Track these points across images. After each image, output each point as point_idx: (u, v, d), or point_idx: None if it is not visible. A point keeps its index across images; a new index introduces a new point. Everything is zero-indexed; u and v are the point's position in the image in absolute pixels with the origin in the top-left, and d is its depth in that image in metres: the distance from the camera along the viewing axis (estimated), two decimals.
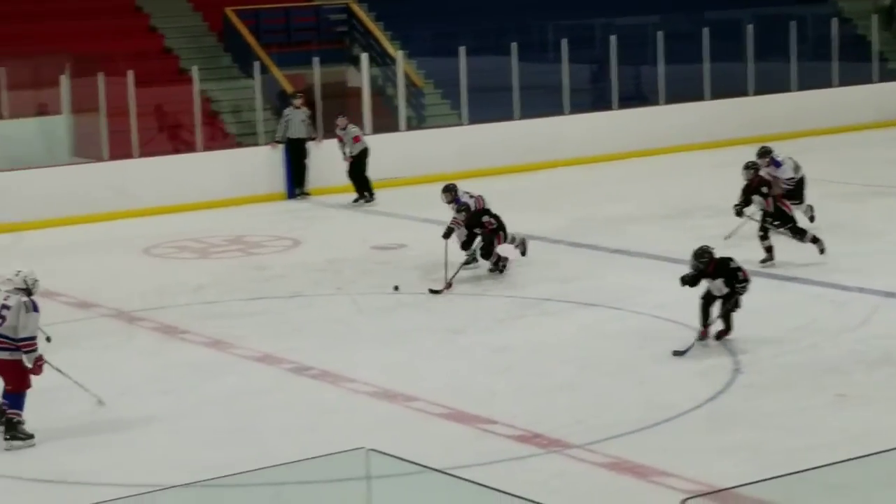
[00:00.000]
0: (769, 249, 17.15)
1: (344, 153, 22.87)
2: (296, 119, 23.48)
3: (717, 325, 14.01)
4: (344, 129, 22.83)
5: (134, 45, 26.70)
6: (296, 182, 23.62)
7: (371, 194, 22.85)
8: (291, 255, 19.34)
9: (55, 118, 24.78)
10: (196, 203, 22.78)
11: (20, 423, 11.50)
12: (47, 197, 22.07)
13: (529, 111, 26.43)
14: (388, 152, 24.24)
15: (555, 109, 26.81)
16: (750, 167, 17.62)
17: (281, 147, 23.68)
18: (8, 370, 11.57)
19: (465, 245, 17.26)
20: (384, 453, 7.39)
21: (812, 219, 18.63)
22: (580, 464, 10.98)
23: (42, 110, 25.30)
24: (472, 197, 17.43)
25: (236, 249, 19.91)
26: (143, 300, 16.82)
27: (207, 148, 24.03)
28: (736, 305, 13.80)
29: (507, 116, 26.35)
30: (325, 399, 12.94)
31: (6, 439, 11.52)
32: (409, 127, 26.08)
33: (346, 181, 23.03)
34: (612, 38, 27.38)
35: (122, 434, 12.14)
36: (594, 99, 28.92)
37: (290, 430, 11.98)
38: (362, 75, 25.71)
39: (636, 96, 29.04)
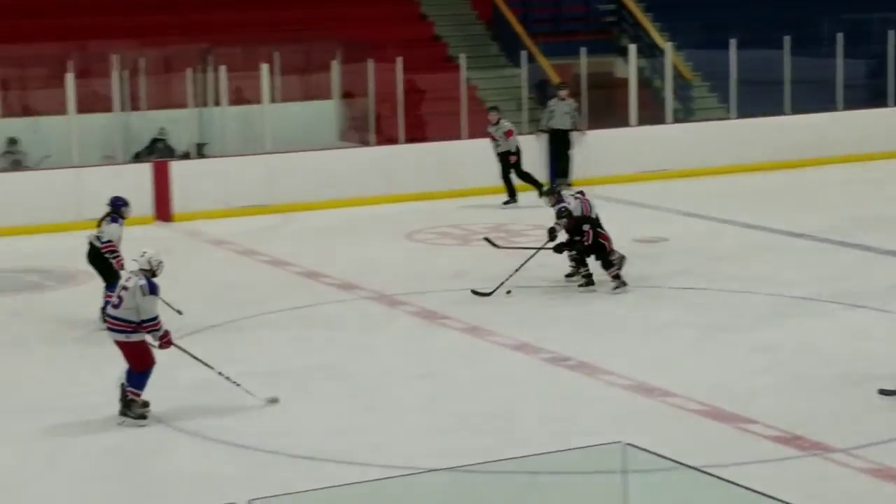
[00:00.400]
0: None
1: (500, 154, 22.11)
2: (560, 110, 23.44)
3: None
4: (496, 124, 22.21)
5: (404, 33, 27.18)
6: (558, 172, 23.54)
7: (540, 187, 21.64)
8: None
9: (325, 102, 25.42)
10: (459, 190, 22.98)
11: (134, 402, 11.67)
12: (315, 179, 22.45)
13: (801, 106, 25.92)
14: (654, 145, 24.20)
15: (827, 105, 26.33)
16: None
17: (544, 137, 23.74)
18: (128, 351, 11.76)
19: (558, 249, 16.38)
20: (641, 448, 7.31)
21: None
22: (842, 469, 10.71)
23: (312, 94, 25.83)
24: (576, 198, 16.44)
25: (497, 238, 20.37)
26: (405, 284, 17.02)
27: (472, 136, 24.11)
28: None
29: (778, 111, 25.87)
30: (581, 390, 12.89)
31: (119, 414, 11.74)
32: (676, 119, 25.88)
33: (611, 172, 22.94)
34: (891, 34, 26.81)
35: (380, 416, 12.34)
36: (869, 95, 28.26)
37: (545, 420, 11.99)
38: (630, 66, 25.52)
39: None
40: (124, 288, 11.76)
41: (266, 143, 22.96)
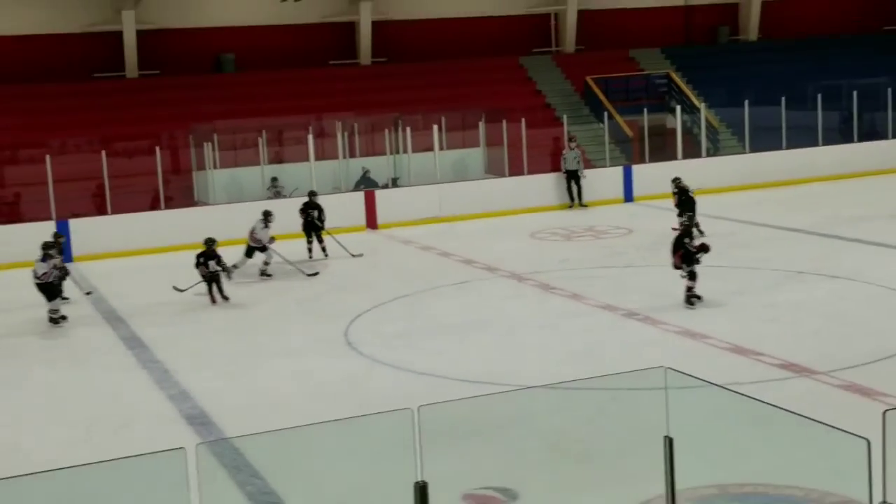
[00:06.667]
0: None
1: None
2: (570, 157, 25.38)
3: None
4: None
5: (524, 102, 30.01)
6: (572, 198, 25.08)
7: None
8: (628, 239, 20.69)
9: (475, 149, 28.13)
10: (564, 204, 25.50)
11: None
12: (470, 200, 25.25)
13: (793, 143, 27.50)
14: (693, 171, 25.49)
15: (812, 143, 27.81)
16: None
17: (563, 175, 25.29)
18: None
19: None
20: (679, 371, 7.29)
21: None
22: (823, 385, 11.14)
23: (467, 144, 28.55)
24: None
25: (590, 236, 21.40)
26: (529, 266, 18.20)
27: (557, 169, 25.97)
28: None
29: (777, 147, 27.46)
30: (643, 335, 13.46)
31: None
32: (708, 154, 27.58)
33: (663, 190, 23.66)
34: (854, 94, 28.26)
35: (513, 353, 13.06)
36: (842, 135, 29.51)
37: (617, 356, 12.65)
38: (676, 120, 27.32)
39: (872, 134, 29.50)
40: None
41: (437, 176, 25.15)
